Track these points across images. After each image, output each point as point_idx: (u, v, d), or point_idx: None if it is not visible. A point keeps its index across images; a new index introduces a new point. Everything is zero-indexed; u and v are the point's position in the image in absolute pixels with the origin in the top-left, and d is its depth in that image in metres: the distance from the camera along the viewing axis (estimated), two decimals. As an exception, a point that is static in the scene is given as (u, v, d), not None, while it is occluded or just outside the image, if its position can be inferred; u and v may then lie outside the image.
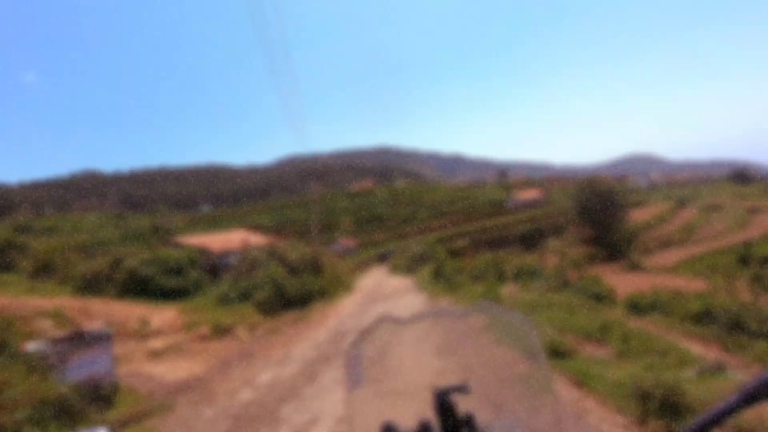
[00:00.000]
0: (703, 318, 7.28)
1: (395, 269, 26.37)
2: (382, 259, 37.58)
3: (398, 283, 19.76)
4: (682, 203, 66.94)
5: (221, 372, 7.38)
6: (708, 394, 3.39)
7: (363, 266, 39.05)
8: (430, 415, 0.67)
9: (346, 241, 52.66)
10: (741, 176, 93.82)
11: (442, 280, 15.05)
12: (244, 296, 14.16)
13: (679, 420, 3.21)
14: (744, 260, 36.18)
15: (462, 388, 0.67)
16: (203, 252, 20.21)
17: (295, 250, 18.76)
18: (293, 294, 14.75)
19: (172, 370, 7.65)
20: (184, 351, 9.16)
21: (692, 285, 10.21)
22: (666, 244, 47.15)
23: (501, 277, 13.41)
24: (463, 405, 0.71)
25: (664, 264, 34.99)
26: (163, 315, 12.08)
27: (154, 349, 9.02)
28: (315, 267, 18.95)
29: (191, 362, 8.23)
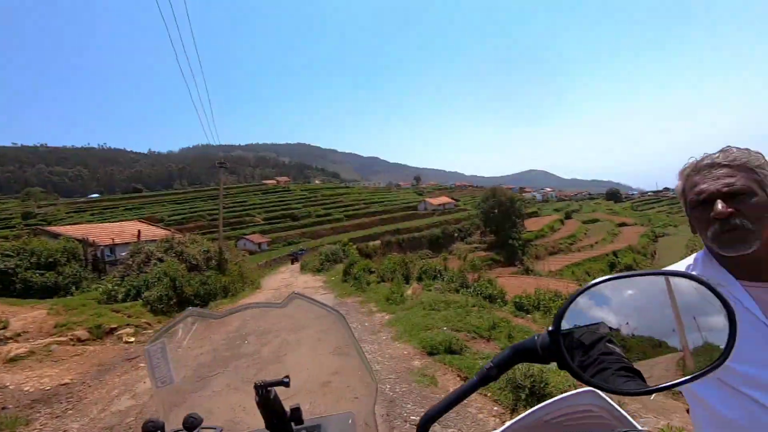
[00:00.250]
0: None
1: (306, 268, 25.94)
2: (294, 257, 36.64)
3: (308, 282, 19.45)
4: (568, 216, 75.72)
5: (97, 379, 6.60)
6: (564, 382, 3.88)
7: (273, 264, 37.83)
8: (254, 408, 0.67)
9: (256, 238, 50.56)
10: (613, 195, 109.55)
11: (351, 279, 15.16)
12: (134, 294, 12.83)
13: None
14: (612, 266, 42.06)
15: (282, 382, 0.67)
16: (87, 244, 17.90)
17: (197, 245, 17.50)
18: (192, 292, 13.73)
19: (34, 379, 6.65)
20: (53, 356, 8.02)
21: (569, 287, 11.59)
22: (554, 251, 52.92)
23: (407, 278, 13.91)
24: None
25: (550, 269, 39.21)
26: (28, 315, 10.43)
27: (11, 354, 7.76)
28: (219, 264, 17.88)
29: (60, 369, 7.23)
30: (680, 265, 1.16)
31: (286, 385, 0.67)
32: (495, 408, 4.10)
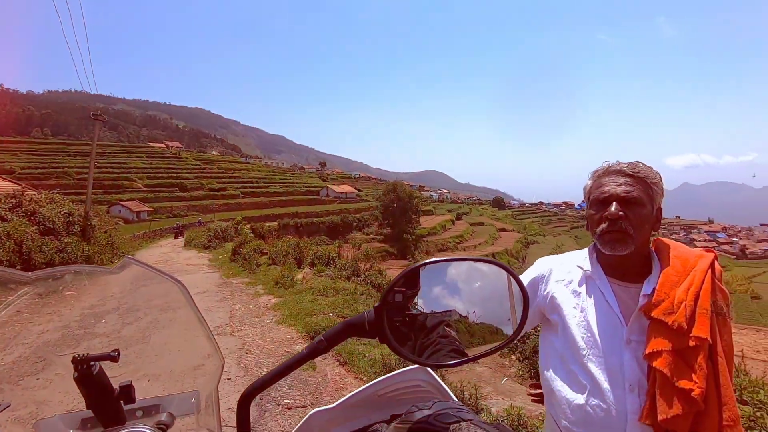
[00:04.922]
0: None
1: (191, 244, 23.97)
2: (179, 231, 33.51)
3: (191, 258, 18.02)
4: (459, 217, 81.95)
5: None
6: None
7: (153, 237, 34.32)
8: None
9: (135, 206, 45.32)
10: (498, 203, 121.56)
11: (240, 259, 14.43)
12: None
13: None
14: (489, 267, 46.62)
15: (109, 356, 0.60)
16: None
17: (57, 206, 15.03)
18: (44, 260, 11.76)
19: None
20: None
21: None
22: (443, 248, 56.82)
23: (300, 262, 13.72)
24: None
25: (437, 264, 42.06)
26: None
27: None
28: (84, 230, 15.62)
29: None
30: (570, 257, 1.36)
31: (114, 359, 0.60)
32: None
